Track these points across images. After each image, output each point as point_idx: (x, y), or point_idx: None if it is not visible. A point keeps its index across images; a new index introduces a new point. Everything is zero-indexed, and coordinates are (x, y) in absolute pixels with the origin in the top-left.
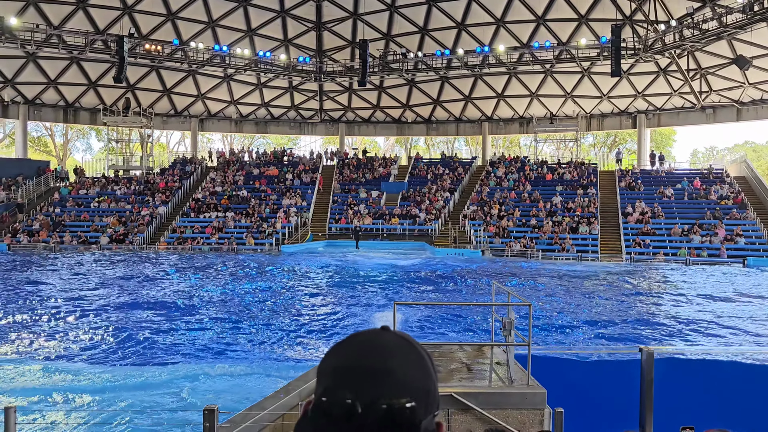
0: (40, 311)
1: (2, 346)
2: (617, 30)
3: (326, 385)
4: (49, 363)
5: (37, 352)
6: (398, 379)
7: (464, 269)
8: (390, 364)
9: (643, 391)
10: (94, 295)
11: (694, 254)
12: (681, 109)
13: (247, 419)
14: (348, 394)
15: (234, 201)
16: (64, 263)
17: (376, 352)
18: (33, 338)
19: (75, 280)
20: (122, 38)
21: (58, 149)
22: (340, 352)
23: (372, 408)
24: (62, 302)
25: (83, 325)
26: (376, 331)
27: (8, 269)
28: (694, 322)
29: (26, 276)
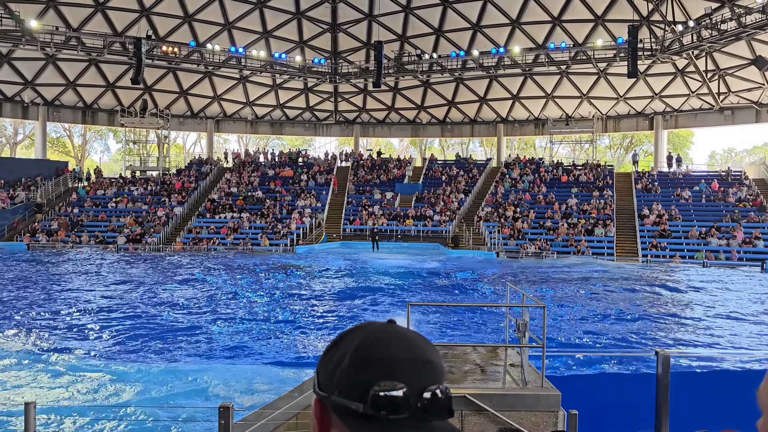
0: (60, 308)
1: (23, 342)
2: (634, 31)
3: (373, 379)
4: (67, 359)
5: (56, 349)
6: (439, 368)
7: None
8: (429, 355)
9: (658, 394)
10: (112, 294)
11: (712, 257)
12: (699, 111)
13: (262, 418)
14: (403, 386)
15: (249, 202)
16: (82, 262)
17: (413, 344)
18: (52, 335)
19: (94, 278)
20: (140, 40)
21: (77, 150)
22: (373, 346)
23: (421, 397)
24: (82, 300)
25: (101, 323)
26: (390, 324)
27: (30, 268)
28: (710, 325)
29: (48, 274)
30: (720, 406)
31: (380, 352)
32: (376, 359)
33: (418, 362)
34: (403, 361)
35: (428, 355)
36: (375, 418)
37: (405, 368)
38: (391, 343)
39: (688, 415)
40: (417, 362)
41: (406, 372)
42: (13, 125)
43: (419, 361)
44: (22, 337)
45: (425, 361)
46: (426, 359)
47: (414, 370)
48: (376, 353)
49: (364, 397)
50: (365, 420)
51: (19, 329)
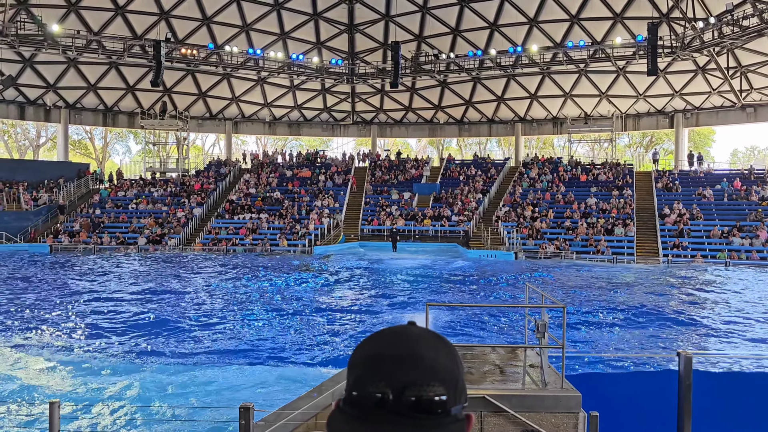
0: (83, 309)
1: (48, 342)
2: (654, 28)
3: (356, 376)
4: (89, 358)
5: (80, 348)
6: (427, 365)
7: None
8: (418, 351)
9: (681, 396)
10: (135, 294)
11: (735, 257)
12: (720, 108)
13: (281, 418)
14: (379, 382)
15: (267, 202)
16: (105, 263)
17: (404, 340)
18: (75, 334)
19: (116, 279)
20: (159, 43)
21: (98, 152)
22: (370, 344)
23: (403, 395)
24: (103, 300)
25: (123, 323)
26: (403, 325)
27: (54, 268)
28: (733, 327)
29: (71, 275)
30: (743, 408)
31: (368, 350)
32: (362, 357)
33: (404, 358)
34: (385, 357)
35: (419, 351)
36: (354, 415)
37: (386, 364)
38: (384, 341)
39: (709, 417)
40: (402, 358)
41: (388, 368)
42: (36, 128)
43: (405, 356)
44: (45, 336)
45: (412, 357)
46: (414, 355)
47: (397, 366)
48: (365, 352)
49: (349, 396)
50: (344, 417)
51: (43, 329)
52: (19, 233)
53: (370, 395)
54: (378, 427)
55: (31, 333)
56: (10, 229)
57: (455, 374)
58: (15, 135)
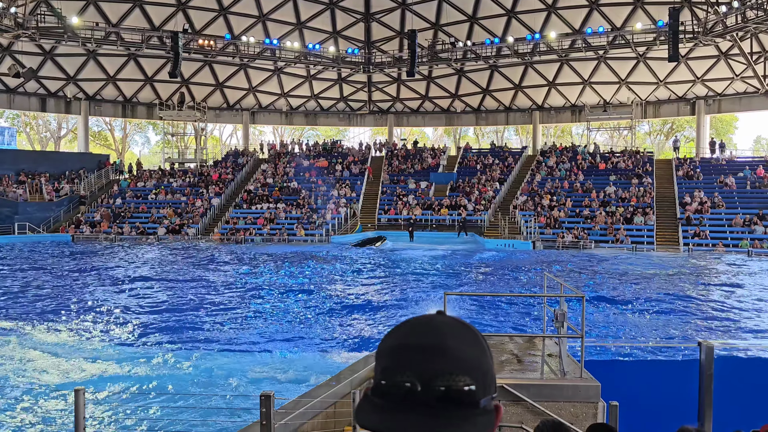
0: (106, 297)
1: (73, 329)
2: (675, 13)
3: (384, 366)
4: (111, 346)
5: (102, 337)
6: (455, 356)
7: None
8: (445, 341)
9: (702, 386)
10: (156, 283)
11: (757, 245)
12: (743, 95)
13: (300, 406)
14: (407, 372)
15: (285, 192)
16: (126, 252)
17: (431, 331)
18: (100, 324)
19: (137, 268)
20: (177, 34)
21: (118, 143)
22: (397, 334)
23: (430, 385)
24: (124, 289)
25: (145, 311)
26: (431, 314)
27: (77, 258)
28: (755, 316)
29: (93, 264)
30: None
31: (394, 340)
32: (389, 347)
33: (430, 348)
34: (411, 347)
35: (444, 341)
36: (382, 404)
37: (413, 354)
38: (410, 330)
39: (730, 403)
40: (428, 348)
41: (415, 358)
42: (57, 120)
43: (430, 346)
44: (72, 324)
45: (438, 347)
46: (439, 345)
47: (424, 356)
48: (391, 342)
49: (377, 386)
50: (372, 406)
51: (71, 317)
52: (42, 224)
53: (399, 385)
54: (407, 417)
55: (55, 322)
56: (32, 219)
57: (483, 364)
58: (37, 127)
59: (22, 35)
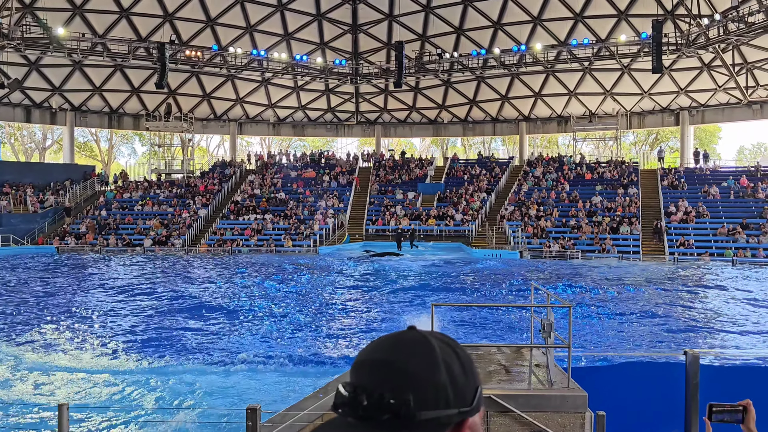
0: (90, 311)
1: (55, 344)
2: (658, 25)
3: (343, 381)
4: (97, 361)
5: (87, 350)
6: (398, 368)
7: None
8: (392, 355)
9: (688, 395)
10: (140, 296)
11: (741, 255)
12: (726, 105)
13: (287, 419)
14: (355, 387)
15: (272, 203)
16: (111, 265)
17: (386, 346)
18: (84, 337)
19: (122, 280)
20: (163, 45)
21: (104, 154)
22: (363, 350)
23: (373, 399)
24: (109, 302)
25: (129, 325)
26: (401, 330)
27: (61, 270)
28: (740, 325)
29: (77, 277)
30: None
31: (359, 356)
32: (353, 363)
33: (378, 363)
34: (365, 362)
35: (391, 356)
36: (338, 419)
37: (363, 369)
38: (372, 347)
39: None
40: (376, 363)
41: (363, 373)
42: (42, 131)
43: (378, 362)
44: (51, 339)
45: (383, 362)
46: (385, 360)
47: (370, 371)
48: (357, 358)
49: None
50: (328, 421)
51: (51, 332)
52: (26, 235)
53: (339, 398)
54: (344, 428)
55: (38, 335)
56: (17, 231)
57: (432, 377)
58: (21, 138)
59: (7, 46)
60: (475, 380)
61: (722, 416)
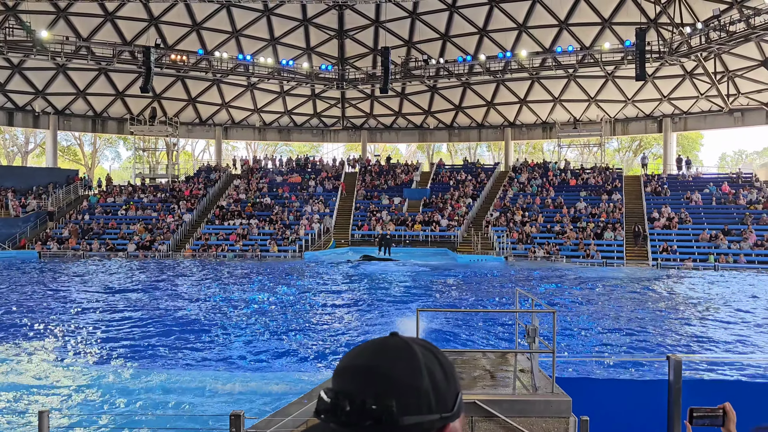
0: (71, 316)
1: (36, 349)
2: (642, 33)
3: (325, 387)
4: (79, 365)
5: (69, 355)
6: (380, 374)
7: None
8: (374, 361)
9: (670, 400)
10: (122, 300)
11: (723, 260)
12: (708, 113)
13: (272, 425)
14: (336, 393)
15: (258, 208)
16: (94, 270)
17: (368, 352)
18: (65, 342)
19: (105, 285)
20: (149, 49)
21: (87, 158)
22: (346, 356)
23: (355, 404)
24: (92, 307)
25: (111, 329)
26: (383, 336)
27: (44, 275)
28: (722, 330)
29: (59, 281)
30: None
31: (341, 362)
32: (336, 369)
33: (360, 369)
34: (348, 368)
35: (374, 362)
36: (321, 425)
37: (346, 375)
38: (355, 353)
39: None
40: (359, 369)
41: (346, 379)
42: (25, 134)
43: (361, 368)
44: (35, 343)
45: (366, 368)
46: (368, 366)
47: (352, 377)
48: (339, 364)
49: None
50: (313, 426)
51: (33, 336)
52: (7, 240)
53: (321, 404)
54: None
55: (19, 340)
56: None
57: (414, 382)
58: (3, 141)
59: None
60: (456, 386)
61: (703, 420)
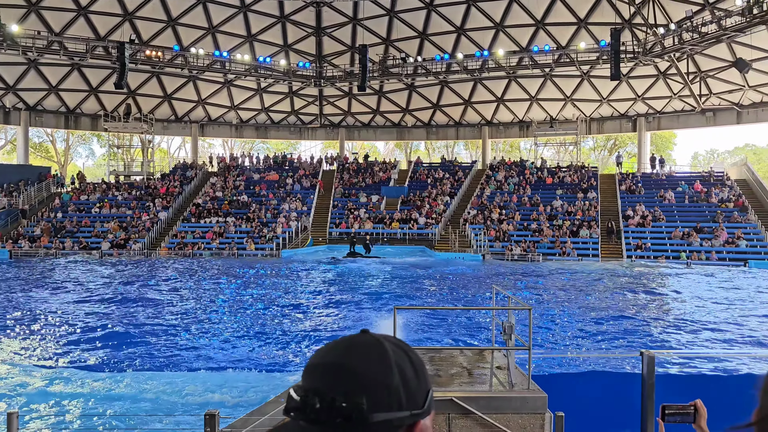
0: (39, 318)
1: (6, 351)
2: (616, 34)
3: (294, 385)
4: (50, 368)
5: (39, 358)
6: (351, 371)
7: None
8: (344, 359)
9: (644, 395)
10: (97, 301)
11: (695, 257)
12: (681, 113)
13: (248, 424)
14: (306, 390)
15: (234, 206)
16: (66, 268)
17: (338, 350)
18: (36, 344)
19: (78, 285)
20: (123, 44)
21: (60, 155)
22: (316, 354)
23: (325, 401)
24: (62, 307)
25: (82, 330)
26: (354, 334)
27: (14, 274)
28: (694, 325)
29: (32, 282)
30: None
31: (311, 360)
32: (306, 366)
33: (330, 367)
34: (318, 366)
35: (344, 359)
36: (290, 423)
37: (316, 373)
38: (325, 350)
39: None
40: (329, 367)
41: (315, 376)
42: None
43: (331, 365)
44: (3, 345)
45: (335, 366)
46: (338, 364)
47: (321, 374)
48: (309, 362)
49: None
50: (290, 425)
51: (3, 337)
52: None
53: (290, 402)
54: (296, 430)
55: None
56: None
57: (384, 379)
58: None
59: None
60: (427, 383)
61: (675, 417)
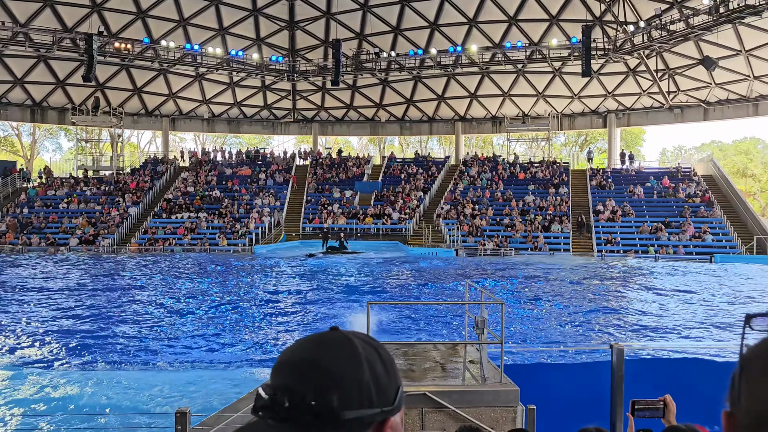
0: (5, 315)
1: None
2: (587, 31)
3: (263, 383)
4: (19, 367)
5: (7, 357)
6: (320, 368)
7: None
8: (314, 355)
9: (613, 387)
10: (65, 297)
11: (663, 252)
12: (650, 109)
13: (221, 421)
14: (275, 388)
15: (206, 201)
16: (32, 265)
17: (309, 346)
18: (2, 343)
19: (46, 281)
20: (91, 36)
21: (26, 149)
22: (285, 351)
23: (295, 399)
24: (33, 304)
25: (54, 328)
26: (325, 331)
27: None
28: (661, 318)
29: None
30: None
31: (280, 357)
32: (275, 364)
33: (300, 364)
34: (286, 363)
35: (314, 356)
36: (259, 422)
37: (285, 370)
38: (294, 348)
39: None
40: (298, 364)
41: (285, 374)
42: None
43: (301, 362)
44: None
45: (305, 362)
46: (307, 360)
47: (290, 372)
48: (278, 359)
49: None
50: (258, 424)
51: None
52: None
53: (258, 401)
54: (265, 429)
55: None
56: None
57: (356, 375)
58: None
59: None
60: (397, 380)
61: (644, 412)
